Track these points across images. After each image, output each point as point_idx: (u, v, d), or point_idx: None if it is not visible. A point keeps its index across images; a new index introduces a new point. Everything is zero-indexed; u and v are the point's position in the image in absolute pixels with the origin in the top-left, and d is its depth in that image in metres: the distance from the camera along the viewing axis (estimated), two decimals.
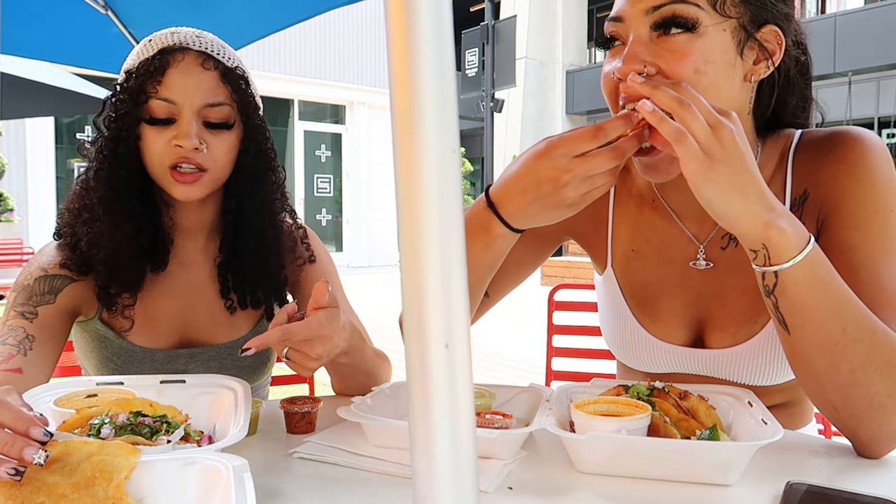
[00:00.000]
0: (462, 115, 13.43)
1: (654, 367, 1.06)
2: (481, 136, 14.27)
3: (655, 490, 0.75)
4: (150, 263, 1.14)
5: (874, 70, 11.92)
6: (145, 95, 1.07)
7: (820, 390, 0.83)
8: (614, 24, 0.90)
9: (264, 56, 11.70)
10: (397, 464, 0.81)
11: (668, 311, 1.04)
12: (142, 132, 1.08)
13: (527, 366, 4.90)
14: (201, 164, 1.08)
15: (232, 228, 1.19)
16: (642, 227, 1.07)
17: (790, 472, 0.78)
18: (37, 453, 0.62)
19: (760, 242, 0.77)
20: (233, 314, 1.20)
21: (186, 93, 1.07)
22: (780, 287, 0.79)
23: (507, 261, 1.09)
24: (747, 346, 0.98)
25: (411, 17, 0.38)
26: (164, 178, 1.09)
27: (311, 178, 13.05)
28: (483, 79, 13.55)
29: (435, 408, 0.38)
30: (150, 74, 1.07)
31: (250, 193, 1.18)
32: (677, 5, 0.85)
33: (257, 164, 1.18)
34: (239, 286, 1.20)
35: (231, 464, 0.66)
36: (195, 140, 1.06)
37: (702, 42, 0.85)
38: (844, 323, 0.79)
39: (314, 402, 0.96)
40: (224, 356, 1.19)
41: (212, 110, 1.09)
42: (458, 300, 0.39)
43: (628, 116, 0.80)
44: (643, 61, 0.86)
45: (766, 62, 0.89)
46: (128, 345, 1.13)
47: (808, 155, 0.95)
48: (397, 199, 0.39)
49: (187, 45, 1.09)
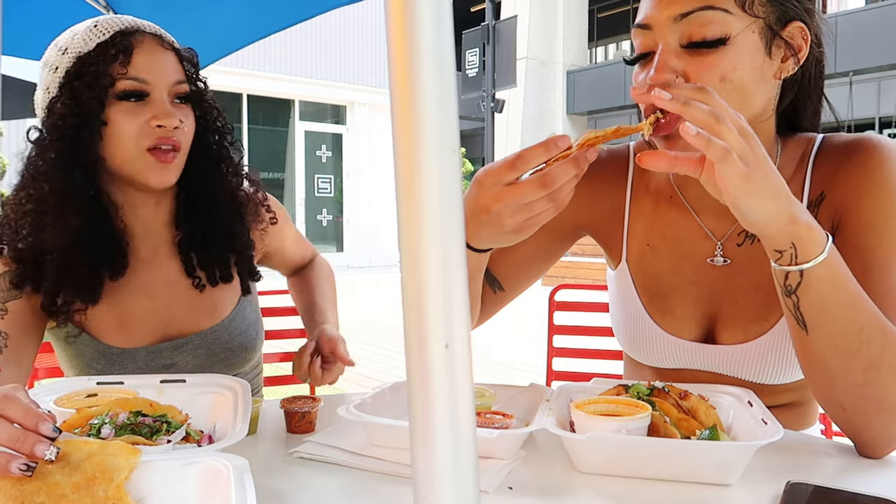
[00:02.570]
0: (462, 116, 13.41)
1: (664, 362, 1.07)
2: (482, 136, 14.27)
3: (655, 490, 0.75)
4: (108, 270, 1.09)
5: (875, 70, 11.92)
6: (110, 78, 1.03)
7: (831, 390, 0.83)
8: (642, 31, 0.90)
9: (265, 56, 11.71)
10: (397, 464, 0.81)
11: (680, 307, 1.04)
12: (109, 116, 1.03)
13: (527, 366, 4.90)
14: (179, 142, 1.07)
15: (189, 206, 1.17)
16: (658, 223, 1.08)
17: (790, 472, 0.78)
18: (48, 449, 0.62)
19: (790, 241, 0.77)
20: (202, 292, 1.18)
21: (157, 72, 1.05)
22: (804, 286, 0.79)
23: (519, 256, 1.11)
24: (757, 344, 0.98)
25: (411, 18, 0.38)
26: (138, 162, 1.05)
27: (312, 178, 13.06)
28: (483, 79, 13.55)
29: (435, 408, 0.38)
30: (114, 56, 1.03)
31: (207, 171, 1.16)
32: (706, 11, 0.85)
33: (213, 140, 1.17)
34: (205, 262, 1.18)
35: (231, 464, 0.66)
36: (176, 119, 1.05)
37: (731, 50, 0.85)
38: (862, 322, 0.79)
39: (314, 401, 0.96)
40: (210, 341, 1.16)
41: (178, 88, 1.08)
42: (458, 300, 0.39)
43: (546, 145, 0.76)
44: (673, 71, 0.86)
45: (793, 59, 0.90)
46: (105, 347, 1.10)
47: (828, 158, 0.96)
48: (397, 199, 0.39)
49: (141, 28, 1.08)
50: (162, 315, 1.15)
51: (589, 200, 1.11)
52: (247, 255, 1.21)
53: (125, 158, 1.05)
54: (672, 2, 0.87)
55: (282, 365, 2.09)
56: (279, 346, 2.03)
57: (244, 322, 1.21)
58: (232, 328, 1.18)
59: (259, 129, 12.61)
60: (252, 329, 1.22)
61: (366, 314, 7.32)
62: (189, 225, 1.17)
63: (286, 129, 12.91)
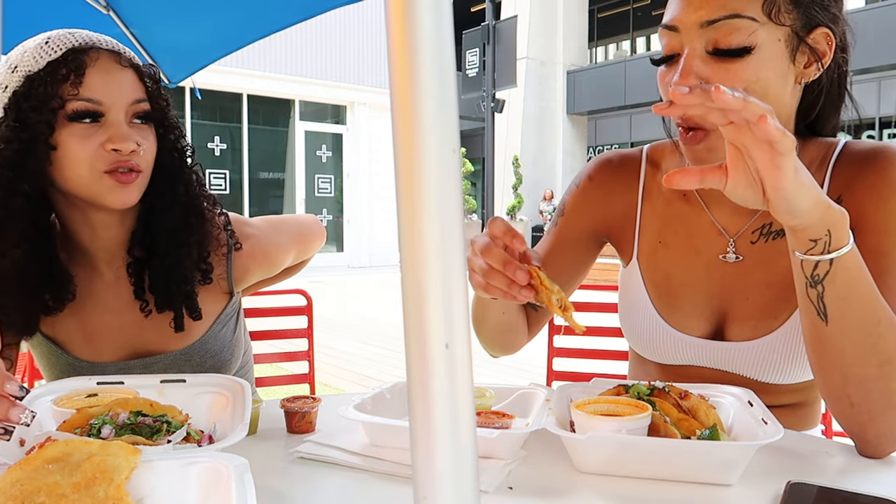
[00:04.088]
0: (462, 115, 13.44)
1: (670, 358, 1.07)
2: (482, 136, 14.28)
3: (655, 490, 0.75)
4: (47, 304, 1.04)
5: (875, 70, 11.91)
6: (60, 100, 0.96)
7: (842, 383, 0.83)
8: (669, 32, 0.91)
9: (265, 56, 11.71)
10: (397, 464, 0.81)
11: (689, 303, 1.05)
12: (59, 141, 0.97)
13: (527, 366, 4.89)
14: (137, 165, 1.00)
15: (145, 227, 1.10)
16: (671, 220, 1.09)
17: (790, 472, 0.78)
18: (23, 413, 0.62)
19: (826, 228, 0.77)
20: (147, 318, 1.11)
21: (112, 91, 0.99)
22: (832, 274, 0.79)
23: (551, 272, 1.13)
24: (765, 342, 0.99)
25: (411, 18, 0.38)
26: (95, 185, 0.98)
27: (312, 178, 13.06)
28: (484, 79, 13.56)
29: (435, 408, 0.38)
30: (65, 77, 0.96)
31: (166, 190, 1.09)
32: (733, 20, 0.86)
33: (175, 160, 1.10)
34: (152, 287, 1.10)
35: (231, 464, 0.66)
36: (132, 143, 0.98)
37: (756, 58, 0.86)
38: (880, 314, 0.80)
39: (314, 401, 0.96)
40: (181, 363, 1.12)
41: (137, 107, 1.02)
42: (458, 300, 0.39)
43: (511, 268, 0.82)
44: (697, 76, 0.87)
45: (817, 64, 0.91)
46: (75, 360, 1.08)
47: (848, 163, 0.97)
48: (397, 199, 0.39)
49: (97, 45, 1.01)
50: (129, 333, 1.11)
51: (602, 208, 1.14)
52: (186, 289, 1.10)
53: (80, 183, 0.99)
54: (700, 7, 0.87)
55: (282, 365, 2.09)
56: (279, 346, 2.03)
57: (217, 343, 1.16)
58: (203, 351, 1.14)
59: (259, 129, 12.61)
60: (227, 350, 1.17)
61: (366, 314, 7.31)
62: (141, 248, 1.10)
63: (286, 129, 12.91)
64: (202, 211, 1.13)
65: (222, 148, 12.08)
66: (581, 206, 1.16)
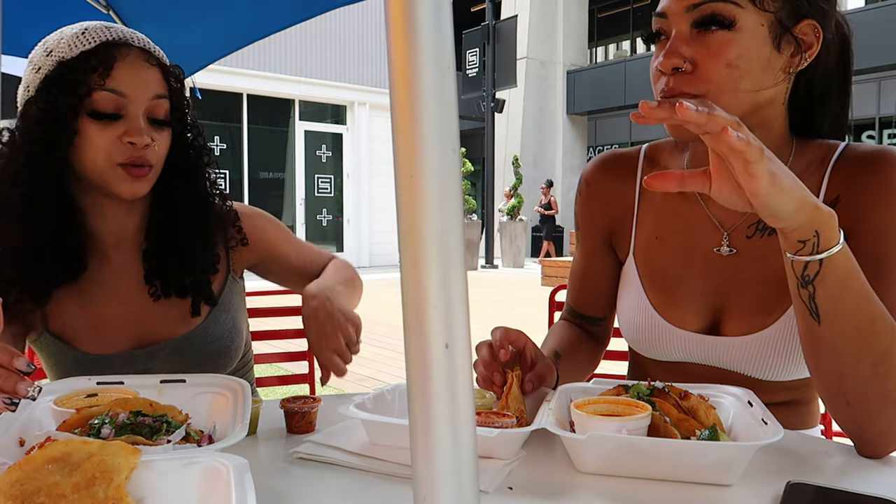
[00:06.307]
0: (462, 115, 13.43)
1: (666, 354, 1.08)
2: (482, 136, 14.27)
3: (655, 490, 0.75)
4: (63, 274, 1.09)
5: (875, 70, 11.92)
6: (87, 87, 1.02)
7: (839, 382, 0.84)
8: (659, 19, 0.96)
9: (265, 56, 11.71)
10: (397, 464, 0.81)
11: (685, 297, 1.06)
12: (81, 127, 1.03)
13: None
14: (149, 160, 1.06)
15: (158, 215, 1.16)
16: (667, 215, 1.10)
17: (790, 472, 0.78)
18: (31, 386, 0.63)
19: (814, 229, 0.77)
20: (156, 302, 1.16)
21: (135, 86, 1.05)
22: (822, 275, 0.79)
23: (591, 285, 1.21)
24: (760, 336, 0.99)
25: (412, 17, 0.38)
26: (109, 174, 1.05)
27: (312, 178, 13.06)
28: (484, 79, 13.57)
29: (435, 408, 0.38)
30: (95, 67, 1.03)
31: (178, 186, 1.15)
32: (717, 3, 0.89)
33: (190, 159, 1.17)
34: (161, 273, 1.15)
35: (231, 464, 0.66)
36: (147, 137, 1.05)
37: (738, 38, 0.89)
38: (874, 313, 0.80)
39: (314, 401, 0.96)
40: (183, 348, 1.16)
41: (157, 105, 1.08)
42: (458, 300, 0.39)
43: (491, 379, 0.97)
44: (682, 56, 0.91)
45: (802, 55, 0.93)
46: (81, 355, 1.11)
47: (847, 165, 0.97)
48: (397, 199, 0.39)
49: (129, 41, 1.07)
50: (134, 321, 1.15)
51: (603, 209, 1.17)
52: (202, 277, 1.17)
53: (95, 170, 1.06)
54: None
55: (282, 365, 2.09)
56: (279, 346, 2.03)
57: (218, 328, 1.19)
58: (205, 335, 1.17)
59: (259, 129, 12.61)
60: (227, 336, 1.20)
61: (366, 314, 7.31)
62: (155, 235, 1.16)
63: (286, 129, 12.90)
64: (215, 206, 1.21)
65: (222, 148, 12.07)
66: (587, 214, 1.19)
